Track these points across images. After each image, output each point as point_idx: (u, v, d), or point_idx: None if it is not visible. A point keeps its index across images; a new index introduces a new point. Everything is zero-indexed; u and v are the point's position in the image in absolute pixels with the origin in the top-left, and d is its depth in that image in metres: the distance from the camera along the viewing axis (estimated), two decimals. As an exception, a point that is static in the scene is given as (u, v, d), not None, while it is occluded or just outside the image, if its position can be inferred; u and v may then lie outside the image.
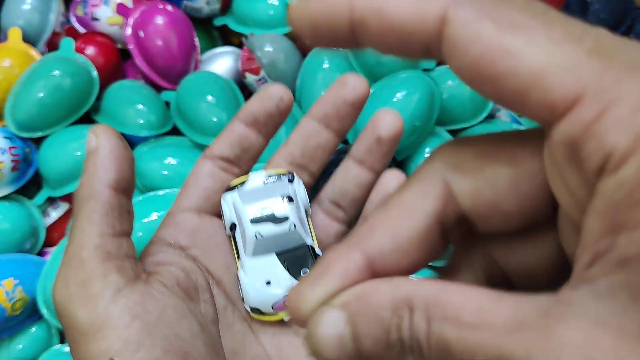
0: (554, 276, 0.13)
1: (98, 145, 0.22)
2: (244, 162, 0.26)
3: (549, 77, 0.10)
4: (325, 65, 0.53)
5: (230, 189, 0.25)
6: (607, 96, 0.10)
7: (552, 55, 0.10)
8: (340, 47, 0.13)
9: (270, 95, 0.25)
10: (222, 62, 0.59)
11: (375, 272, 0.13)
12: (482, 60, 0.10)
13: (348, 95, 0.25)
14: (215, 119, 0.51)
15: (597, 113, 0.10)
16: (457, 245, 0.14)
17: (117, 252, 0.21)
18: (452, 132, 0.55)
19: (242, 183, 0.25)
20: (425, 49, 0.11)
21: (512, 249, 0.14)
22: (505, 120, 0.56)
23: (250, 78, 0.56)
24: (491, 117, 0.57)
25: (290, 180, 0.25)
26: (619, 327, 0.09)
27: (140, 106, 0.52)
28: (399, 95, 0.50)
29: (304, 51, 0.57)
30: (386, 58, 0.52)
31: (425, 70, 0.55)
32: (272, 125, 0.26)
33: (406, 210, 0.13)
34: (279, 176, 0.25)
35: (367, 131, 0.26)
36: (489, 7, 0.11)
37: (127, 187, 0.22)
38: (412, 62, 0.53)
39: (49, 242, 0.52)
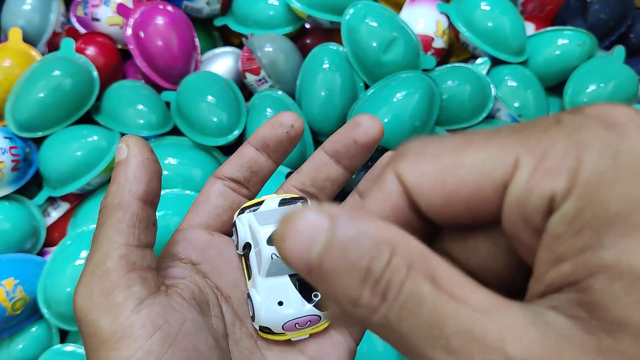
0: (512, 276, 0.14)
1: (129, 156, 0.22)
2: (253, 184, 0.27)
3: (484, 164, 0.12)
4: (325, 66, 0.53)
5: (244, 209, 0.26)
6: (536, 152, 0.11)
7: (484, 153, 0.12)
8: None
9: (282, 122, 0.26)
10: (222, 62, 0.59)
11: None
12: (436, 188, 0.13)
13: (359, 137, 0.26)
14: (215, 119, 0.51)
15: (533, 167, 0.11)
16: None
17: (141, 263, 0.21)
18: (452, 132, 0.55)
19: (257, 204, 0.26)
20: (414, 211, 0.14)
21: (472, 249, 0.14)
22: (505, 120, 0.56)
23: (250, 78, 0.56)
24: (491, 117, 0.57)
25: (304, 204, 0.25)
26: (581, 341, 0.11)
27: (141, 106, 0.52)
28: (399, 95, 0.50)
29: (304, 51, 0.57)
30: (386, 58, 0.53)
31: (425, 70, 0.55)
32: (282, 151, 0.27)
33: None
34: (292, 199, 0.26)
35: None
36: (422, 150, 0.13)
37: (154, 200, 0.23)
38: (412, 63, 0.54)
39: (50, 242, 0.52)
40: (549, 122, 0.12)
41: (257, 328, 0.24)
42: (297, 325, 0.23)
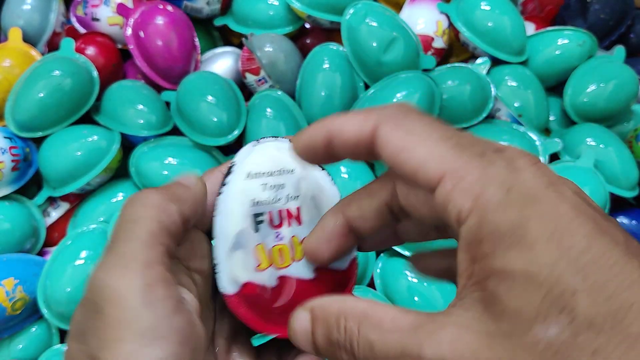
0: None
1: (200, 186, 0.21)
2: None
3: (426, 165, 0.16)
4: (325, 66, 0.53)
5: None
6: (457, 174, 0.16)
7: (429, 151, 0.16)
8: (323, 162, 0.20)
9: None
10: (222, 62, 0.59)
11: (351, 227, 0.20)
12: (394, 154, 0.17)
13: None
14: (215, 119, 0.51)
15: (452, 185, 0.16)
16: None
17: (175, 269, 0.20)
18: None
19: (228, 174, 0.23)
20: (368, 151, 0.18)
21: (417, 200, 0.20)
22: (505, 120, 0.56)
23: (250, 78, 0.56)
24: (491, 117, 0.57)
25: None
26: (475, 328, 0.15)
27: (141, 106, 0.52)
28: (399, 95, 0.50)
29: (304, 51, 0.57)
30: (386, 58, 0.53)
31: (425, 70, 0.55)
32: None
33: (370, 193, 0.20)
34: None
35: None
36: (399, 121, 0.18)
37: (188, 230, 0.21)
38: (413, 65, 0.54)
39: (50, 242, 0.52)
40: (477, 152, 0.16)
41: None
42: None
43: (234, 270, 0.21)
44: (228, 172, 0.22)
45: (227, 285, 0.21)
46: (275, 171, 0.23)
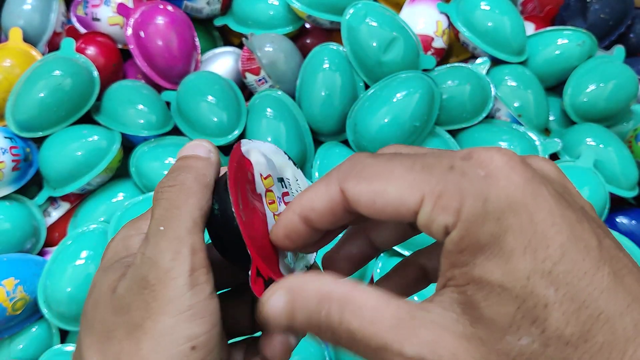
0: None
1: (217, 158, 0.23)
2: None
3: (402, 199, 0.17)
4: (326, 65, 0.53)
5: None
6: (434, 194, 0.16)
7: (400, 185, 0.17)
8: (310, 242, 0.20)
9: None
10: (222, 62, 0.59)
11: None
12: (369, 205, 0.17)
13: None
14: (215, 119, 0.51)
15: (432, 206, 0.16)
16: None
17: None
18: (452, 132, 0.55)
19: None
20: (348, 213, 0.19)
21: (383, 232, 0.23)
22: (504, 120, 0.56)
23: (250, 78, 0.56)
24: (491, 117, 0.57)
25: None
26: (454, 330, 0.16)
27: (141, 106, 0.52)
28: (399, 95, 0.50)
29: (304, 51, 0.57)
30: (386, 58, 0.53)
31: (425, 70, 0.55)
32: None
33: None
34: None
35: None
36: (358, 173, 0.18)
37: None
38: (412, 65, 0.54)
39: (50, 242, 0.53)
40: (446, 166, 0.17)
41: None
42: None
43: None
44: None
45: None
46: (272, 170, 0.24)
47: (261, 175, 0.23)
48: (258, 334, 0.24)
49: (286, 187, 0.24)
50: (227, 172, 0.21)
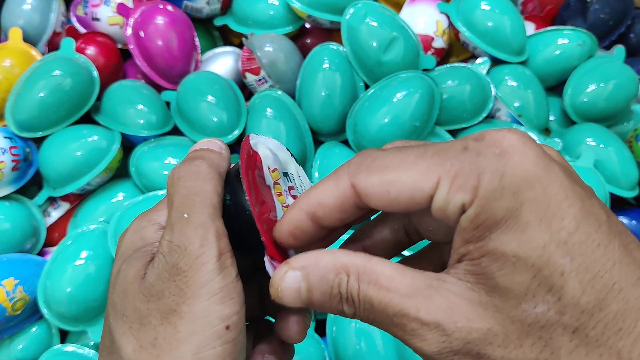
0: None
1: (227, 152, 0.24)
2: None
3: (417, 185, 0.17)
4: (326, 65, 0.53)
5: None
6: (450, 175, 0.17)
7: (414, 172, 0.17)
8: (314, 239, 0.21)
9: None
10: (222, 62, 0.59)
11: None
12: (382, 197, 0.18)
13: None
14: (215, 119, 0.51)
15: (449, 185, 0.17)
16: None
17: None
18: (452, 132, 0.55)
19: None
20: (357, 209, 0.19)
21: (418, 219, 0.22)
22: (505, 120, 0.56)
23: (250, 78, 0.56)
24: (491, 117, 0.57)
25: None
26: (468, 297, 0.17)
27: (141, 106, 0.52)
28: (399, 95, 0.50)
29: (304, 51, 0.57)
30: (386, 58, 0.53)
31: (425, 70, 0.55)
32: None
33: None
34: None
35: None
36: (369, 166, 0.18)
37: None
38: (412, 64, 0.54)
39: (50, 242, 0.53)
40: (459, 148, 0.17)
41: None
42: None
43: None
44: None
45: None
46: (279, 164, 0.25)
47: (269, 168, 0.23)
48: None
49: (291, 181, 0.24)
50: (238, 164, 0.22)
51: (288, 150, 0.25)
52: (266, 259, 0.20)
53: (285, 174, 0.24)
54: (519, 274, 0.15)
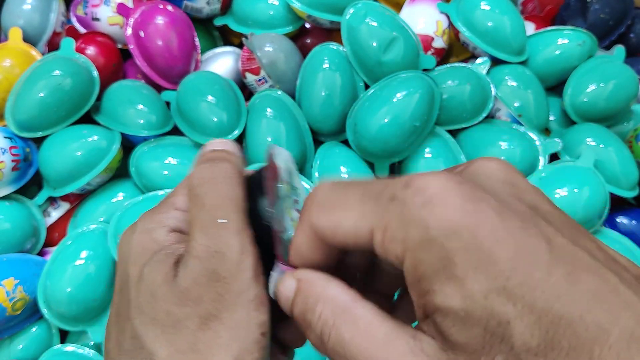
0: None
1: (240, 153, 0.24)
2: None
3: (357, 229, 0.17)
4: (325, 65, 0.53)
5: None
6: (381, 225, 0.17)
7: (353, 216, 0.18)
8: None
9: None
10: (222, 62, 0.59)
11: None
12: (333, 236, 0.18)
13: None
14: (215, 119, 0.51)
15: (382, 237, 0.17)
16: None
17: None
18: (452, 132, 0.55)
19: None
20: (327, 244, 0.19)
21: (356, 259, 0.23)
22: (505, 120, 0.56)
23: (250, 78, 0.56)
24: (491, 117, 0.57)
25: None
26: (439, 359, 0.16)
27: (141, 106, 0.52)
28: (399, 95, 0.50)
29: (304, 51, 0.57)
30: (386, 58, 0.53)
31: (425, 70, 0.55)
32: None
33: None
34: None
35: None
36: (321, 204, 0.19)
37: None
38: (412, 64, 0.54)
39: (50, 242, 0.53)
40: (388, 197, 0.17)
41: None
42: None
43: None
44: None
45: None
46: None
47: (283, 180, 0.23)
48: None
49: (297, 195, 0.25)
50: (256, 172, 0.22)
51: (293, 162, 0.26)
52: (276, 269, 0.21)
53: (294, 188, 0.24)
54: (470, 329, 0.15)
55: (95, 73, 0.53)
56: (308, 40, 0.61)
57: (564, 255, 0.15)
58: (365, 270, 0.23)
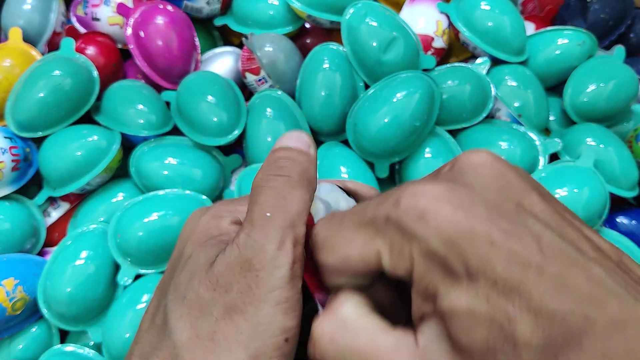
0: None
1: (314, 153, 0.24)
2: None
3: (363, 256, 0.19)
4: (326, 65, 0.53)
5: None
6: (386, 246, 0.18)
7: (357, 246, 0.19)
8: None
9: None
10: (222, 62, 0.59)
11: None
12: (346, 268, 0.20)
13: None
14: (215, 119, 0.51)
15: (389, 256, 0.18)
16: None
17: None
18: (452, 132, 0.55)
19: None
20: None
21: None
22: (505, 120, 0.56)
23: (250, 78, 0.56)
24: (491, 117, 0.57)
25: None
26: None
27: (141, 106, 0.52)
28: (399, 95, 0.50)
29: (304, 51, 0.57)
30: (386, 58, 0.53)
31: (425, 70, 0.55)
32: None
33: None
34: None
35: None
36: (323, 246, 0.20)
37: None
38: (412, 64, 0.54)
39: (50, 242, 0.53)
40: (383, 218, 0.18)
41: None
42: None
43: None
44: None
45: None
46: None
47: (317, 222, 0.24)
48: None
49: None
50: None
51: (338, 186, 0.25)
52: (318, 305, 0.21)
53: None
54: (476, 330, 0.16)
55: (95, 73, 0.53)
56: (308, 40, 0.61)
57: (552, 252, 0.16)
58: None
